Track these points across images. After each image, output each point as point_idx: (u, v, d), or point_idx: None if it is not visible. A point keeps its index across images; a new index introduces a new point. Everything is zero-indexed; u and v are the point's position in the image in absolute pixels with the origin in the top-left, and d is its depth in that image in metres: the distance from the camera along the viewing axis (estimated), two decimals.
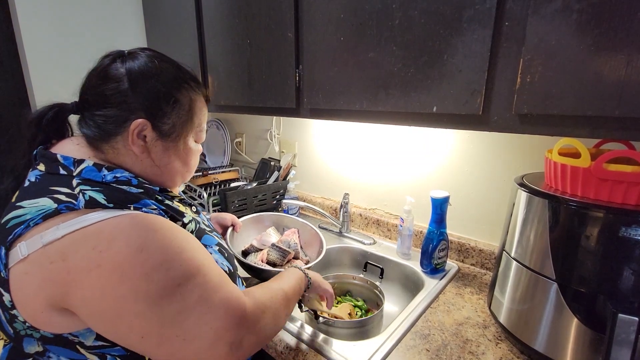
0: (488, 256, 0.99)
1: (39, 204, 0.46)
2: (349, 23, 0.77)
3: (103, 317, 0.44)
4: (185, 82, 0.58)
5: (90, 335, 0.47)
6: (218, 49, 1.13)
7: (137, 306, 0.43)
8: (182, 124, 0.57)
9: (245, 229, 1.01)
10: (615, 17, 0.47)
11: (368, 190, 1.28)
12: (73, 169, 0.50)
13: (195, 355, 0.46)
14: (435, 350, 0.69)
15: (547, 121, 0.56)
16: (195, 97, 0.60)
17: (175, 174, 0.60)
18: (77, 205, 0.46)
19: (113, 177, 0.51)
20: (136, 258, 0.43)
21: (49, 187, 0.48)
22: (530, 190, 0.63)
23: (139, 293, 0.43)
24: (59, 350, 0.47)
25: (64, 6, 1.33)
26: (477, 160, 0.99)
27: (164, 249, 0.45)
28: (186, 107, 0.58)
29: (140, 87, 0.53)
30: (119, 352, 0.49)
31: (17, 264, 0.44)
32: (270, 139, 1.59)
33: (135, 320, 0.43)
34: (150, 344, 0.44)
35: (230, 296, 0.49)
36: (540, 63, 0.54)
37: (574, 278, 0.57)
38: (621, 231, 0.51)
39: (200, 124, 0.62)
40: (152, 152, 0.55)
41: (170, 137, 0.56)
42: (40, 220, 0.45)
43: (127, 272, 0.42)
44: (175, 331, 0.44)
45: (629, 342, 0.49)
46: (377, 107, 0.76)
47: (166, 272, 0.44)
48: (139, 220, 0.46)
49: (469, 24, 0.60)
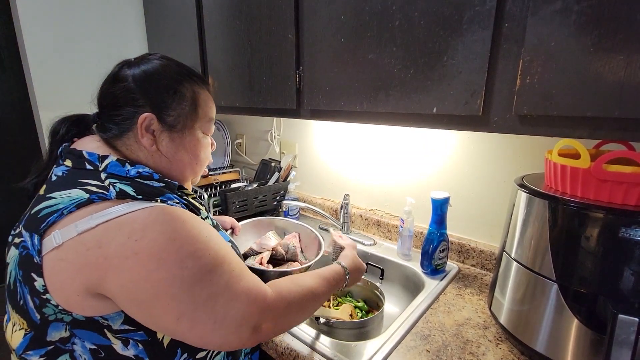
0: (488, 257, 0.99)
1: (71, 194, 0.49)
2: (349, 24, 0.77)
3: (140, 301, 0.46)
4: (187, 75, 0.61)
5: (118, 319, 0.49)
6: (219, 50, 1.13)
7: (172, 290, 0.45)
8: (186, 115, 0.60)
9: (245, 232, 1.02)
10: (615, 18, 0.47)
11: (368, 191, 1.28)
12: (99, 164, 0.53)
13: (222, 337, 0.48)
14: (436, 351, 0.69)
15: (546, 122, 0.57)
16: (198, 89, 0.62)
17: (184, 167, 0.62)
18: (109, 196, 0.48)
19: (136, 172, 0.54)
20: (170, 246, 0.46)
21: (78, 180, 0.51)
22: (530, 191, 0.63)
23: (175, 278, 0.45)
24: (86, 335, 0.49)
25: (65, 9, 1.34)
26: (477, 161, 1.00)
27: (194, 238, 0.48)
28: (189, 99, 0.60)
29: (144, 84, 0.57)
30: (141, 336, 0.51)
31: (51, 251, 0.46)
32: (270, 140, 1.59)
33: (171, 303, 0.46)
34: (184, 326, 0.47)
35: (253, 284, 0.52)
36: (540, 64, 0.54)
37: (574, 279, 0.57)
38: (621, 232, 0.51)
39: (207, 115, 0.63)
40: (159, 144, 0.58)
41: (175, 129, 0.59)
42: (74, 209, 0.47)
43: (163, 259, 0.45)
44: (208, 314, 0.47)
45: (630, 342, 0.49)
46: (377, 108, 0.76)
47: (198, 260, 0.47)
48: (168, 211, 0.49)
49: (468, 25, 0.61)
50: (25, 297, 0.48)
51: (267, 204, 1.36)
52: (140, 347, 0.51)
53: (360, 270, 0.78)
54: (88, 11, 1.39)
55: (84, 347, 0.49)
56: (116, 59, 0.63)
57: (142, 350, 0.51)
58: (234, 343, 0.50)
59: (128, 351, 0.50)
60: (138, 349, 0.51)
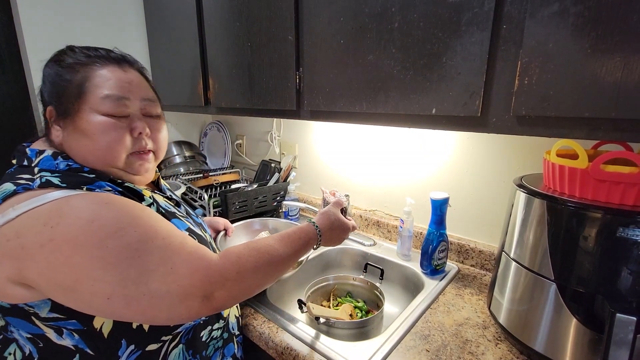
0: (488, 257, 0.99)
1: (3, 188, 0.50)
2: (348, 26, 0.78)
3: (64, 287, 0.46)
4: (76, 60, 0.58)
5: (45, 307, 0.49)
6: (219, 51, 1.14)
7: (95, 272, 0.45)
8: (73, 100, 0.56)
9: (237, 234, 1.03)
10: (612, 20, 0.47)
11: (368, 191, 1.28)
12: (34, 159, 0.55)
13: (168, 310, 0.48)
14: (435, 351, 0.69)
15: (545, 123, 0.57)
16: (89, 70, 0.58)
17: (86, 152, 0.57)
18: (32, 186, 0.49)
19: (66, 165, 0.55)
20: (88, 228, 0.46)
21: (15, 176, 0.52)
22: (528, 191, 0.64)
23: (93, 260, 0.45)
24: (17, 323, 0.50)
25: (65, 10, 1.34)
26: (476, 162, 1.00)
27: (117, 218, 0.48)
28: (75, 83, 0.57)
29: (44, 78, 0.59)
30: (74, 325, 0.51)
31: None
32: (270, 140, 1.60)
33: (96, 285, 0.45)
34: (118, 305, 0.46)
35: (193, 256, 0.51)
36: (538, 65, 0.54)
37: (572, 278, 0.58)
38: (619, 231, 0.52)
39: (101, 93, 0.57)
40: (64, 135, 0.58)
41: (68, 117, 0.57)
42: (0, 202, 0.48)
43: (80, 243, 0.45)
44: (142, 290, 0.46)
45: (627, 342, 0.50)
46: (376, 109, 0.77)
47: (120, 239, 0.46)
48: (90, 197, 0.49)
49: (467, 27, 0.61)
50: None
51: (267, 205, 1.36)
52: (76, 336, 0.51)
53: (339, 228, 0.73)
54: (88, 12, 1.40)
55: (20, 335, 0.50)
56: None
57: (79, 340, 0.51)
58: (184, 315, 0.49)
59: (64, 341, 0.51)
60: (74, 338, 0.51)
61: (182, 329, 0.61)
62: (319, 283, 1.00)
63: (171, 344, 0.60)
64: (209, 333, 0.66)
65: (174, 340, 0.60)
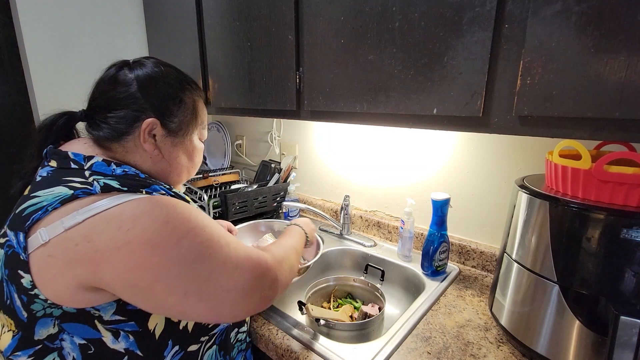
0: (489, 258, 0.99)
1: (55, 192, 0.49)
2: (349, 26, 0.77)
3: (140, 288, 0.46)
4: (188, 84, 0.65)
5: (110, 309, 0.49)
6: (219, 51, 1.13)
7: (173, 270, 0.47)
8: (187, 122, 0.63)
9: (241, 236, 1.02)
10: (615, 19, 0.47)
11: (369, 192, 1.28)
12: (84, 163, 0.54)
13: (232, 304, 0.51)
14: (437, 353, 0.69)
15: (547, 123, 0.56)
16: (196, 98, 0.66)
17: (182, 169, 0.65)
18: (94, 190, 0.49)
19: (122, 171, 0.55)
20: (163, 229, 0.47)
21: (62, 178, 0.51)
22: (531, 192, 0.63)
23: (172, 259, 0.47)
24: (75, 328, 0.49)
25: (65, 11, 1.34)
26: (477, 162, 0.99)
27: (186, 220, 0.49)
28: (190, 107, 0.64)
29: (148, 89, 0.58)
30: (131, 327, 0.51)
31: (38, 248, 0.46)
32: (270, 141, 1.59)
33: (174, 283, 0.47)
34: (192, 300, 0.48)
35: (252, 253, 0.55)
36: (540, 65, 0.54)
37: (575, 280, 0.57)
38: (622, 233, 0.51)
39: (203, 122, 0.68)
40: (162, 148, 0.60)
41: (178, 134, 0.62)
42: (58, 205, 0.47)
43: (157, 244, 0.46)
44: (214, 286, 0.49)
45: (632, 344, 0.49)
46: (377, 109, 0.76)
47: (193, 239, 0.49)
48: (156, 199, 0.50)
49: (469, 27, 0.61)
50: (12, 296, 0.48)
51: (267, 206, 1.36)
52: (131, 339, 0.51)
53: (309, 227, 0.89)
54: (88, 12, 1.40)
55: (72, 342, 0.49)
56: (116, 60, 0.62)
57: (132, 342, 0.51)
58: (244, 310, 0.53)
59: (118, 344, 0.51)
60: (129, 341, 0.51)
61: (217, 330, 0.63)
62: (319, 284, 0.99)
63: (206, 345, 0.62)
64: (235, 335, 0.70)
65: (209, 341, 0.63)
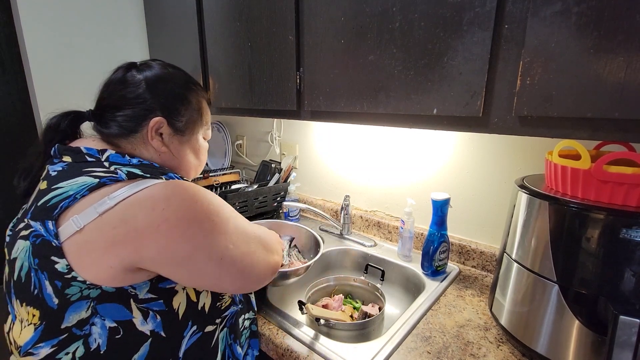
0: (489, 258, 0.99)
1: (79, 181, 0.51)
2: (349, 26, 0.77)
3: (179, 258, 0.50)
4: (194, 85, 0.68)
5: (145, 287, 0.52)
6: (219, 51, 1.14)
7: (208, 238, 0.52)
8: (193, 122, 0.66)
9: None
10: (615, 19, 0.47)
11: (369, 192, 1.28)
12: (99, 156, 0.56)
13: (256, 266, 0.59)
14: (437, 353, 0.69)
15: (547, 123, 0.57)
16: (202, 98, 0.69)
17: (190, 167, 0.68)
18: (120, 177, 0.52)
19: (138, 161, 0.58)
20: (195, 207, 0.52)
21: (82, 170, 0.53)
22: (530, 192, 0.63)
23: (206, 230, 0.52)
24: (109, 310, 0.50)
25: (66, 10, 1.34)
26: (477, 162, 1.00)
27: (212, 199, 0.55)
28: (196, 107, 0.67)
29: (156, 89, 0.61)
30: (159, 306, 0.54)
31: (72, 235, 0.48)
32: (271, 141, 1.59)
33: (211, 249, 0.52)
34: (227, 264, 0.54)
35: (259, 226, 0.68)
36: (540, 65, 0.54)
37: (575, 280, 0.57)
38: (622, 233, 0.51)
39: (208, 122, 0.71)
40: (170, 146, 0.63)
41: (184, 133, 0.65)
42: (86, 192, 0.50)
43: (192, 218, 0.51)
44: (242, 249, 0.56)
45: (631, 344, 0.49)
46: (377, 109, 0.76)
47: (219, 214, 0.55)
48: (180, 182, 0.54)
49: (468, 27, 0.61)
50: (43, 284, 0.48)
51: (268, 205, 1.36)
52: (158, 319, 0.54)
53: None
54: (89, 13, 1.40)
55: (103, 327, 0.50)
56: (116, 61, 0.64)
57: (159, 324, 0.54)
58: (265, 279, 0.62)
59: (146, 325, 0.52)
60: (156, 321, 0.53)
61: (228, 312, 0.65)
62: (319, 284, 0.99)
63: (220, 327, 0.64)
64: (242, 321, 0.72)
65: (222, 323, 0.64)
